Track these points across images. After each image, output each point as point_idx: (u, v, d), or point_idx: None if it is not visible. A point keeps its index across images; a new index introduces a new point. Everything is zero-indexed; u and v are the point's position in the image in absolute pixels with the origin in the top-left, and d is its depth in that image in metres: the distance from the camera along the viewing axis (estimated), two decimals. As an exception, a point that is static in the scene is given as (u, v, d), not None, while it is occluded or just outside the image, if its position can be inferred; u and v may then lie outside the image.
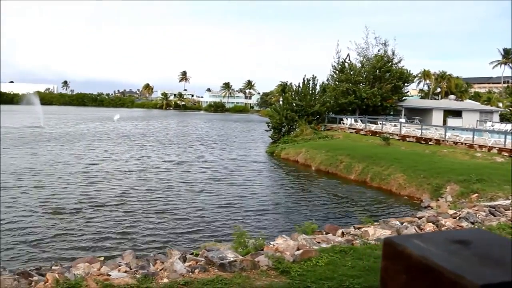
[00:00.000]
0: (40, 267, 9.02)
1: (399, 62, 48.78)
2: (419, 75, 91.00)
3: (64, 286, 7.12)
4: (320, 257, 8.24)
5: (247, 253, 8.62)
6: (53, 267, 8.74)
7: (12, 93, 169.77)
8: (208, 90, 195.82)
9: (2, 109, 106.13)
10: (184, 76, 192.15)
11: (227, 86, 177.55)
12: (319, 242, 9.84)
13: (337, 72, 49.49)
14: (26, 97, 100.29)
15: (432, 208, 15.60)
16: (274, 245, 9.45)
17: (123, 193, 17.56)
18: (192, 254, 9.17)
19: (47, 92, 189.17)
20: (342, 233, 11.02)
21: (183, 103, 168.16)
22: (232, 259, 7.99)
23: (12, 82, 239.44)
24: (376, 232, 10.67)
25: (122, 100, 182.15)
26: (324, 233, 11.28)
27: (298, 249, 8.96)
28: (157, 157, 28.38)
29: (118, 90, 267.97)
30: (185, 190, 18.45)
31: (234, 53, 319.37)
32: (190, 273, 7.66)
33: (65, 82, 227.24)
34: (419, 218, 12.90)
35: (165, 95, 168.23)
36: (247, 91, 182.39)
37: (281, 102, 49.25)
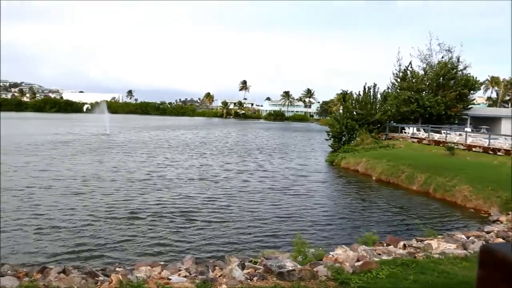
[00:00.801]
0: (105, 268, 9.36)
1: (465, 69, 46.88)
2: (486, 81, 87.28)
3: (127, 287, 7.34)
4: (380, 269, 8.04)
5: (306, 263, 8.55)
6: (116, 269, 9.05)
7: (81, 102, 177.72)
8: (268, 99, 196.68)
9: (74, 117, 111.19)
10: (244, 85, 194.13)
11: (286, 95, 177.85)
12: (379, 254, 9.62)
13: (399, 79, 48.35)
14: (95, 106, 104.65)
15: (501, 222, 14.83)
16: (333, 256, 9.32)
17: (184, 200, 17.90)
18: (250, 261, 9.20)
19: (113, 101, 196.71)
20: (404, 245, 10.69)
21: (243, 111, 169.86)
22: (290, 268, 7.95)
23: (81, 92, 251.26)
24: (440, 246, 10.30)
25: (184, 108, 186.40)
26: (385, 244, 11.00)
27: (358, 260, 8.80)
28: (217, 166, 28.75)
29: (180, 99, 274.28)
30: (245, 199, 18.55)
31: (294, 61, 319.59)
32: (249, 280, 7.69)
33: (130, 92, 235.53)
34: (487, 232, 12.31)
35: (225, 104, 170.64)
36: (306, 99, 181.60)
37: (341, 111, 48.76)
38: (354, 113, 41.46)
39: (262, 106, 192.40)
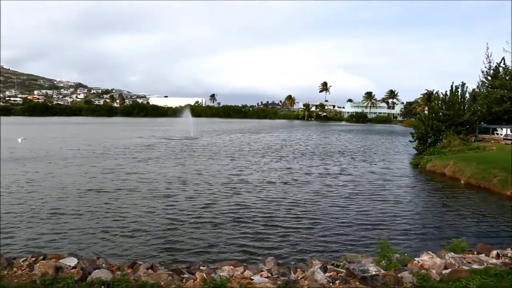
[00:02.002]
0: (190, 266, 9.68)
1: None
2: None
3: (210, 285, 7.54)
4: (471, 278, 7.63)
5: (390, 268, 8.32)
6: (200, 267, 9.33)
7: (166, 106, 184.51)
8: (350, 100, 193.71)
9: (159, 121, 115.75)
10: (325, 87, 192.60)
11: (369, 96, 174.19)
12: (469, 263, 9.13)
13: (489, 77, 45.71)
14: (180, 110, 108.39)
15: None
16: (418, 262, 9.00)
17: (265, 204, 18.06)
18: (333, 265, 9.11)
19: (196, 105, 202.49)
20: (498, 254, 10.04)
21: (324, 113, 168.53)
22: (374, 272, 7.78)
23: (166, 96, 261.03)
24: (540, 257, 9.59)
25: (265, 111, 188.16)
26: (475, 253, 10.43)
27: (445, 268, 8.43)
28: (299, 169, 28.72)
29: (261, 102, 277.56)
30: (327, 203, 18.35)
31: (376, 62, 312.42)
32: (331, 283, 7.62)
33: (213, 96, 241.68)
34: None
35: (306, 106, 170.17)
36: (389, 100, 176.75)
37: (426, 112, 46.95)
38: (440, 114, 39.78)
39: (343, 107, 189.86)
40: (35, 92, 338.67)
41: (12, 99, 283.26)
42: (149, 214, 15.82)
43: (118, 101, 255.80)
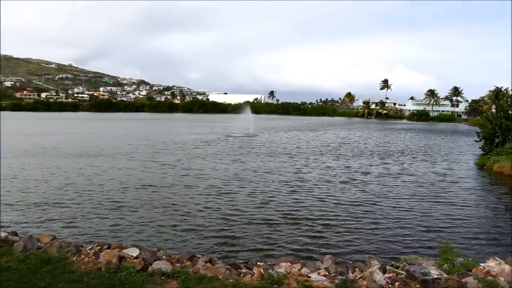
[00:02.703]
0: (247, 261, 9.76)
1: None
2: None
3: (268, 281, 7.57)
4: (543, 287, 7.23)
5: (453, 272, 8.01)
6: (258, 263, 9.37)
7: (226, 103, 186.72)
8: (411, 98, 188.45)
9: (219, 118, 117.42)
10: (385, 84, 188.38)
11: (431, 93, 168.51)
12: (541, 270, 8.64)
13: None
14: (239, 107, 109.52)
15: None
16: (484, 267, 8.61)
17: (323, 203, 17.93)
18: (392, 266, 8.90)
19: (255, 102, 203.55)
20: None
21: (384, 111, 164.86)
22: (435, 276, 7.52)
23: (226, 93, 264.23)
24: None
25: (324, 108, 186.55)
26: (549, 260, 9.85)
27: (514, 275, 8.02)
28: (358, 168, 28.22)
29: (320, 99, 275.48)
30: (387, 204, 17.92)
31: (439, 58, 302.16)
32: (390, 285, 7.44)
33: (271, 93, 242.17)
34: None
35: (366, 103, 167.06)
36: (453, 98, 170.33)
37: (493, 110, 44.91)
38: (510, 112, 37.90)
39: (404, 105, 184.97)
40: (101, 89, 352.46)
41: (79, 95, 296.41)
42: (206, 209, 16.10)
43: (178, 97, 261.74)
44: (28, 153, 33.00)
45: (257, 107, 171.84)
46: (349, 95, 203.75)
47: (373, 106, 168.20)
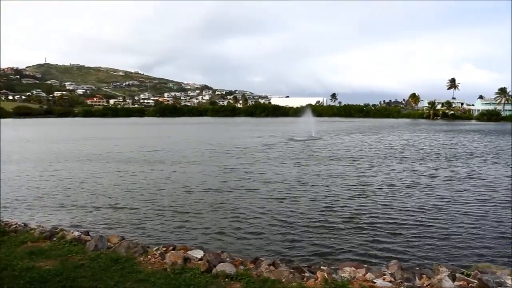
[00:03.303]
0: (311, 265, 9.70)
1: None
2: None
3: (331, 286, 7.49)
4: None
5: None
6: (321, 267, 9.30)
7: (287, 106, 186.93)
8: (480, 97, 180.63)
9: (281, 121, 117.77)
10: (452, 84, 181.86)
11: (502, 92, 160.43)
12: None
13: None
14: (301, 110, 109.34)
15: None
16: None
17: (389, 208, 17.44)
18: (462, 273, 8.55)
19: (317, 104, 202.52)
20: None
21: (451, 112, 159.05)
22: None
23: (288, 96, 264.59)
24: None
25: (388, 110, 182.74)
26: None
27: None
28: (424, 172, 27.20)
29: (384, 101, 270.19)
30: (456, 210, 17.12)
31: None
32: (461, 293, 7.16)
33: (333, 95, 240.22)
34: None
35: (432, 104, 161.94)
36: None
37: None
38: None
39: (473, 105, 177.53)
40: (165, 94, 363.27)
41: (145, 101, 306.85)
42: (268, 213, 16.12)
43: (241, 101, 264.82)
44: (96, 157, 34.54)
45: (319, 110, 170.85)
46: (413, 96, 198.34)
47: (439, 107, 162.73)
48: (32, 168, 28.39)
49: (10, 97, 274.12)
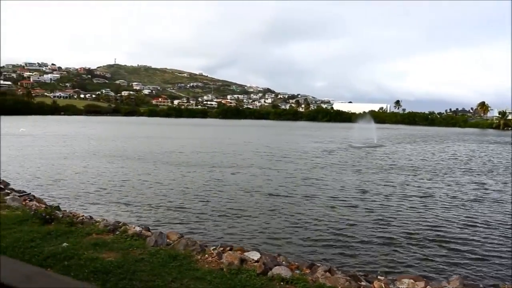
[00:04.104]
0: (367, 274, 9.58)
1: None
2: None
3: (388, 298, 7.37)
4: None
5: None
6: (378, 277, 9.16)
7: (350, 112, 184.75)
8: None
9: (342, 127, 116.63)
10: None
11: None
12: None
13: None
14: (363, 116, 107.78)
15: None
16: None
17: (452, 222, 16.81)
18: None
19: (380, 111, 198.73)
20: None
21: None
22: None
23: (350, 102, 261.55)
24: None
25: (454, 119, 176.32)
26: None
27: None
28: (490, 186, 25.59)
29: (450, 109, 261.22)
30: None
31: None
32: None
33: (397, 102, 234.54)
34: None
35: (503, 113, 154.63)
36: None
37: None
38: None
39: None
40: (228, 96, 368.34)
41: (209, 103, 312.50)
42: (324, 220, 15.98)
43: (303, 106, 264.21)
44: (158, 157, 35.64)
45: (382, 117, 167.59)
46: (482, 105, 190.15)
47: (510, 117, 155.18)
48: (98, 164, 29.74)
49: (82, 96, 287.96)
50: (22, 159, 31.73)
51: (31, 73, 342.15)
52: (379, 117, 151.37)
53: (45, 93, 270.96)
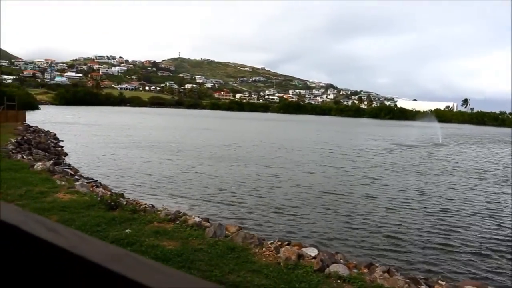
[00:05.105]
0: (428, 277, 9.29)
1: None
2: None
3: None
4: None
5: None
6: (439, 281, 8.86)
7: (414, 110, 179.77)
8: None
9: (405, 124, 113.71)
10: None
11: None
12: None
13: None
14: (428, 114, 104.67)
15: None
16: None
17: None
18: None
19: (446, 110, 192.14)
20: None
21: None
22: None
23: (415, 100, 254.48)
24: None
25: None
26: None
27: None
28: None
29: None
30: None
31: None
32: None
33: (465, 101, 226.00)
34: None
35: None
36: None
37: None
38: None
39: None
40: (290, 91, 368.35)
41: (270, 97, 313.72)
42: (383, 221, 15.60)
43: (365, 102, 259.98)
44: (216, 150, 36.17)
45: (448, 116, 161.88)
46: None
47: None
48: (158, 155, 30.63)
49: (147, 88, 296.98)
50: (89, 148, 33.21)
51: (100, 66, 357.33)
52: (445, 116, 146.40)
53: (113, 85, 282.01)
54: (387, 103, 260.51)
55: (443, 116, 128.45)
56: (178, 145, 39.13)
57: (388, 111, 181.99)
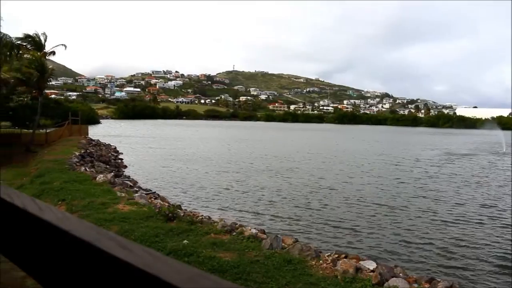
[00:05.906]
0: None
1: None
2: None
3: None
4: None
5: None
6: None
7: (475, 117, 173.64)
8: None
9: (468, 133, 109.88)
10: None
11: None
12: None
13: None
14: (486, 122, 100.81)
15: None
16: None
17: None
18: None
19: (510, 117, 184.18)
20: None
21: None
22: None
23: (475, 107, 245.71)
24: None
25: None
26: None
27: None
28: None
29: None
30: None
31: None
32: None
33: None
34: None
35: None
36: None
37: None
38: None
39: None
40: (344, 101, 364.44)
41: (325, 108, 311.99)
42: (444, 236, 15.05)
43: (423, 111, 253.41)
44: (269, 164, 36.20)
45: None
46: None
47: None
48: (212, 168, 31.04)
49: (202, 101, 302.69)
50: (145, 160, 34.16)
51: (157, 80, 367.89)
52: (508, 123, 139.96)
53: (169, 99, 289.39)
54: (446, 111, 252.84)
55: (506, 123, 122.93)
56: (231, 156, 39.53)
57: (446, 120, 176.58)
